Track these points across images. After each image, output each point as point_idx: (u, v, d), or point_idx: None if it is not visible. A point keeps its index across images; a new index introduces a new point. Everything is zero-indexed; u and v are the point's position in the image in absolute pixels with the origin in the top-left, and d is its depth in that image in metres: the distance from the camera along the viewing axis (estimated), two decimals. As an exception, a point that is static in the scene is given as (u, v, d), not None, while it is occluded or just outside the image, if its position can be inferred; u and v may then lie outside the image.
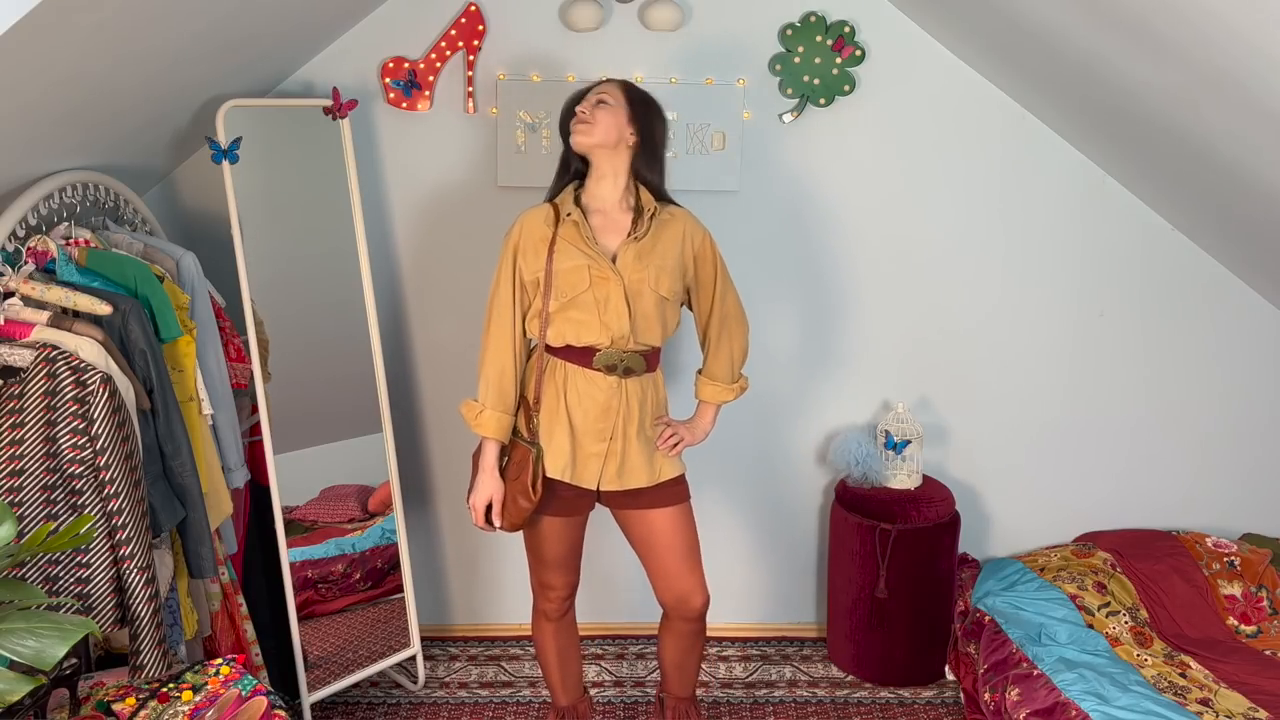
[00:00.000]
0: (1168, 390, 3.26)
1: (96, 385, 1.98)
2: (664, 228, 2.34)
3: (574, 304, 2.29)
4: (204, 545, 2.30)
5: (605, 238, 2.32)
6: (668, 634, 2.60)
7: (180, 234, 2.98)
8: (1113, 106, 2.65)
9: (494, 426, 2.34)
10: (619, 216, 2.34)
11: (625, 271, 2.29)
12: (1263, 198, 2.52)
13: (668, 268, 2.32)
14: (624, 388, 2.33)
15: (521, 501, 2.33)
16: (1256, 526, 3.32)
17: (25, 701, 1.75)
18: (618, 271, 2.28)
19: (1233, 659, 2.80)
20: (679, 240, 2.36)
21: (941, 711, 3.01)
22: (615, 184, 2.34)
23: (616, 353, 2.31)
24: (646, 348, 2.35)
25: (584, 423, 2.33)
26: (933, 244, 3.15)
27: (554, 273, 2.29)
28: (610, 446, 2.35)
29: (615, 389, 2.33)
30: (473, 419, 2.35)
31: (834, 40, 2.95)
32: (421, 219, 3.10)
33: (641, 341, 2.33)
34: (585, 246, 2.29)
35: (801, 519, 3.35)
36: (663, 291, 2.31)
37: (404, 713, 2.99)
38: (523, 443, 2.35)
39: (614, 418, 2.34)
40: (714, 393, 2.50)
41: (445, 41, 2.94)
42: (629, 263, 2.29)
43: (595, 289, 2.28)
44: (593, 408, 2.33)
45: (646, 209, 2.32)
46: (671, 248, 2.34)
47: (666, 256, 2.32)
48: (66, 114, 2.14)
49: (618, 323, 2.29)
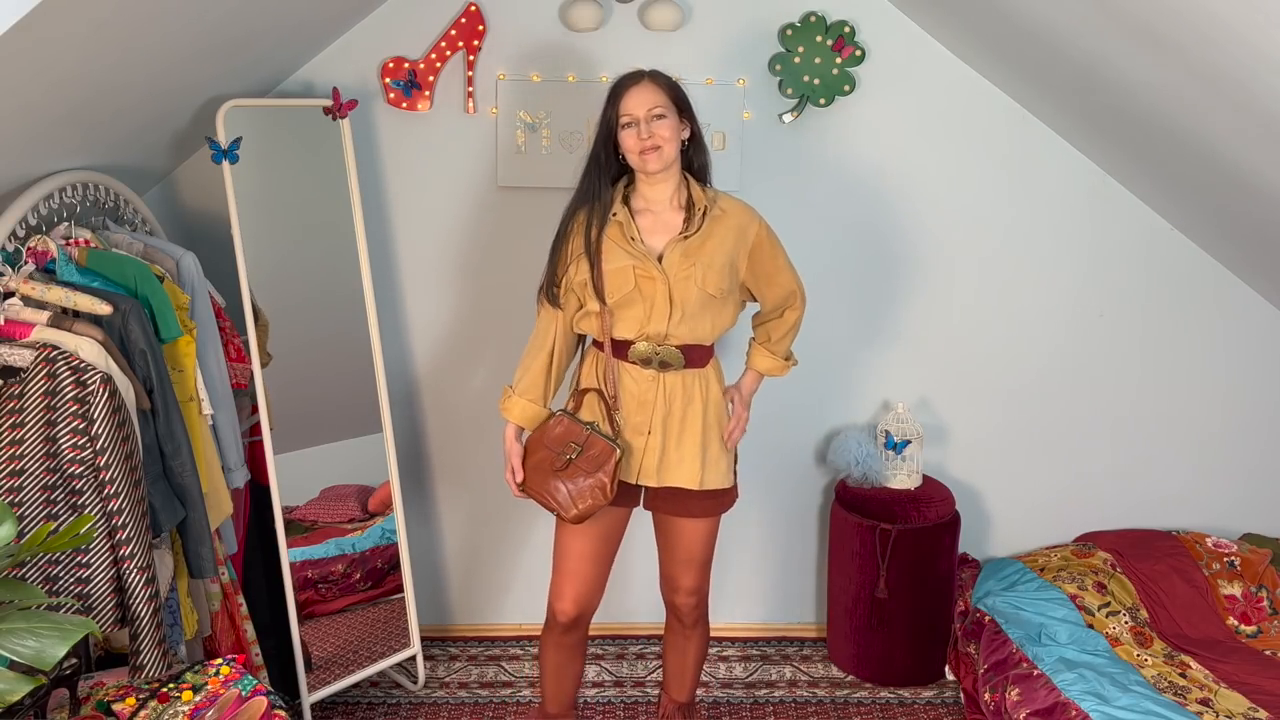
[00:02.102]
0: (1168, 390, 3.26)
1: (96, 385, 1.98)
2: (716, 224, 2.30)
3: (621, 303, 2.29)
4: (204, 545, 2.30)
5: (653, 238, 2.30)
6: (670, 636, 2.64)
7: (180, 234, 2.98)
8: (1113, 106, 2.65)
9: (516, 412, 2.39)
10: (669, 216, 2.32)
11: (671, 270, 2.27)
12: (1263, 198, 2.52)
13: (716, 265, 2.28)
14: (662, 381, 2.32)
15: (598, 497, 2.29)
16: (1256, 526, 3.32)
17: (25, 701, 1.75)
18: (663, 271, 2.27)
19: (1233, 659, 2.80)
20: (732, 236, 2.31)
21: (941, 711, 3.01)
22: (668, 184, 2.31)
23: (651, 347, 2.30)
24: (689, 344, 2.32)
25: (625, 415, 2.34)
26: (933, 244, 3.15)
27: (604, 274, 2.29)
28: (649, 441, 2.33)
29: (653, 382, 2.32)
30: (501, 402, 2.41)
31: (834, 40, 2.95)
32: (421, 219, 3.10)
33: (684, 338, 2.31)
34: (630, 247, 2.28)
35: (801, 519, 3.35)
36: (710, 290, 2.28)
37: (404, 713, 2.99)
38: (604, 439, 2.30)
39: (650, 411, 2.32)
40: (765, 362, 2.49)
41: (445, 41, 2.94)
42: (675, 261, 2.27)
43: (641, 288, 2.27)
44: (630, 400, 2.33)
45: (698, 206, 2.29)
46: (723, 245, 2.30)
47: (716, 254, 2.29)
48: (67, 114, 2.14)
49: (658, 320, 2.28)
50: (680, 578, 2.50)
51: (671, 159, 2.26)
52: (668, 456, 2.35)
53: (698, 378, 2.36)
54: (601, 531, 2.41)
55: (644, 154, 2.23)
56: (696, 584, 2.51)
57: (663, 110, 2.23)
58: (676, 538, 2.46)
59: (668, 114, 2.24)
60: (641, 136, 2.22)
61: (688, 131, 2.30)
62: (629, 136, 2.24)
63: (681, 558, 2.47)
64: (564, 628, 2.47)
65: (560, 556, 2.45)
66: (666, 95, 2.26)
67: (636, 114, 2.23)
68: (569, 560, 2.43)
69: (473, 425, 3.23)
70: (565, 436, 2.33)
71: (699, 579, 2.51)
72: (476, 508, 3.30)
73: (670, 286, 2.26)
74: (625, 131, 2.25)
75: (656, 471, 2.35)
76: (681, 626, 2.59)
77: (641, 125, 2.22)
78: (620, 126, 2.25)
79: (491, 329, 3.16)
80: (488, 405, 3.22)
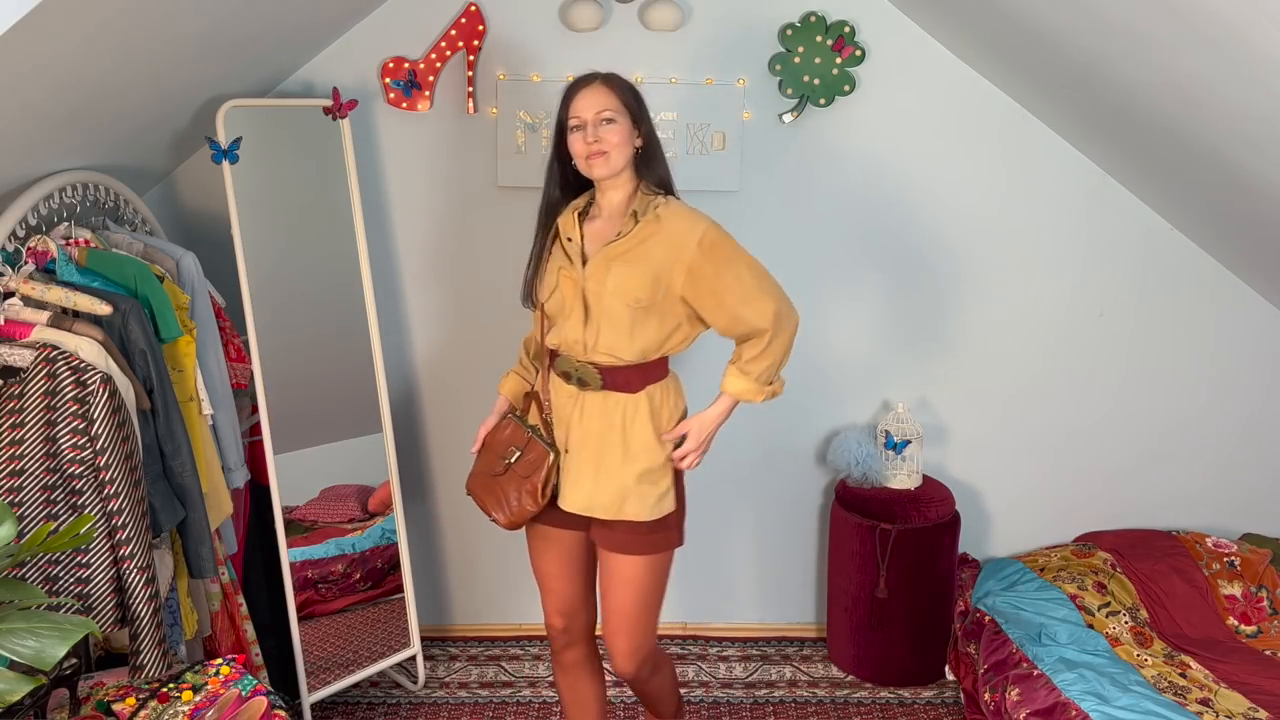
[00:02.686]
0: (1167, 390, 3.26)
1: (96, 385, 1.98)
2: (649, 232, 2.12)
3: (550, 308, 2.22)
4: (204, 545, 2.30)
5: (593, 244, 2.18)
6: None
7: (180, 234, 2.98)
8: (1113, 106, 2.65)
9: (509, 386, 2.39)
10: (617, 223, 2.18)
11: (589, 275, 2.14)
12: (1263, 198, 2.52)
13: (636, 273, 2.10)
14: (581, 400, 2.18)
15: (527, 502, 2.19)
16: (1256, 526, 3.32)
17: (25, 701, 1.75)
18: (583, 274, 2.16)
19: (1233, 659, 2.80)
20: (662, 246, 2.11)
21: (941, 711, 3.01)
22: (620, 190, 2.19)
23: (570, 360, 2.19)
24: (608, 361, 2.15)
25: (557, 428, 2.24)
26: (933, 244, 3.15)
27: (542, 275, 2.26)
28: (566, 460, 2.20)
29: (571, 399, 2.20)
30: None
31: (834, 40, 2.95)
32: (421, 219, 3.10)
33: (601, 352, 2.15)
34: (566, 248, 2.19)
35: (801, 519, 3.35)
36: (625, 300, 2.10)
37: (404, 713, 2.99)
38: (542, 442, 2.20)
39: (564, 429, 2.20)
40: (735, 383, 2.19)
41: (445, 41, 2.94)
42: (595, 267, 2.13)
43: (563, 290, 2.18)
44: (553, 414, 2.23)
45: (641, 214, 2.13)
46: (649, 254, 2.11)
47: (640, 262, 2.11)
48: (67, 114, 2.14)
49: (572, 328, 2.17)
50: (610, 636, 2.27)
51: (620, 166, 2.14)
52: (580, 481, 2.18)
53: (622, 402, 2.16)
54: (560, 552, 2.30)
55: (590, 159, 2.12)
56: (626, 645, 2.25)
57: (612, 115, 2.11)
58: (606, 575, 2.25)
59: (618, 118, 2.12)
60: (588, 140, 2.11)
61: (639, 139, 2.17)
62: (576, 140, 2.13)
63: (609, 606, 2.25)
64: (559, 643, 2.39)
65: (534, 573, 2.39)
66: (618, 99, 2.13)
67: (584, 116, 2.12)
68: (540, 578, 2.37)
69: (473, 425, 3.20)
70: (509, 440, 2.25)
71: (629, 639, 2.25)
72: (476, 508, 3.29)
73: (585, 290, 2.14)
74: (573, 135, 2.14)
75: (567, 494, 2.20)
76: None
77: (589, 129, 2.12)
78: (569, 129, 2.15)
79: (491, 329, 3.15)
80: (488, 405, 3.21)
